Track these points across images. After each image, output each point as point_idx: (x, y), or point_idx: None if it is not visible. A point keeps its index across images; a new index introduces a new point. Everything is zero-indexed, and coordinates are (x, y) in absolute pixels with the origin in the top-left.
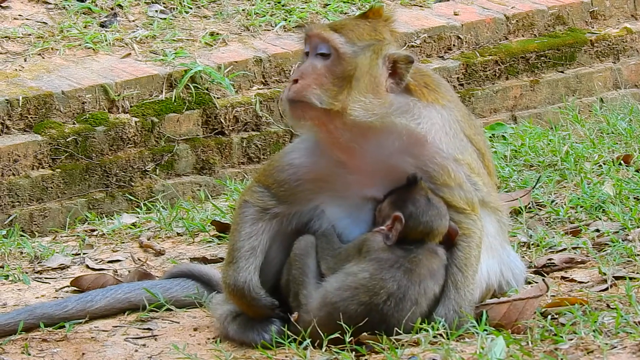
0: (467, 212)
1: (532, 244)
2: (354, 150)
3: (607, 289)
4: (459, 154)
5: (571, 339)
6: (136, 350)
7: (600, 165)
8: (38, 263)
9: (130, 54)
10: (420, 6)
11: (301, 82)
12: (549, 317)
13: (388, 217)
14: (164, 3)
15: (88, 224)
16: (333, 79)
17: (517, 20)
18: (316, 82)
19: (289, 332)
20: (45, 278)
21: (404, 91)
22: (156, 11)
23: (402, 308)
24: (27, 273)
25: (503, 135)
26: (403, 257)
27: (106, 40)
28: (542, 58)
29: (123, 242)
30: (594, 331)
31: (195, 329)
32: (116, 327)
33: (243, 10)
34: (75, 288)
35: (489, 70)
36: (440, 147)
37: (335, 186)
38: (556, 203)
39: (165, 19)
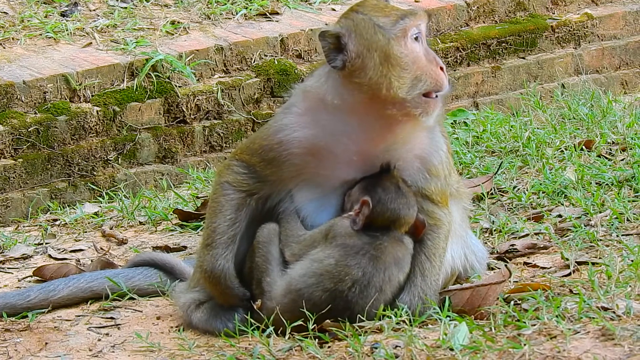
0: (441, 204)
1: (495, 230)
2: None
3: (569, 274)
4: (445, 148)
5: (534, 325)
6: (99, 340)
7: (562, 151)
8: (0, 253)
9: (91, 43)
10: None
11: (444, 69)
12: (512, 302)
13: (356, 202)
14: None
15: (50, 213)
16: None
17: (478, 7)
18: None
19: (252, 320)
20: (8, 268)
21: None
22: (117, 0)
23: (367, 295)
24: None
25: (465, 122)
26: (369, 244)
27: (67, 30)
28: (504, 44)
29: (85, 232)
30: (556, 316)
31: (158, 318)
32: (79, 316)
33: None
34: (38, 278)
35: (451, 56)
36: (440, 141)
37: (321, 164)
38: (518, 189)
39: (126, 8)
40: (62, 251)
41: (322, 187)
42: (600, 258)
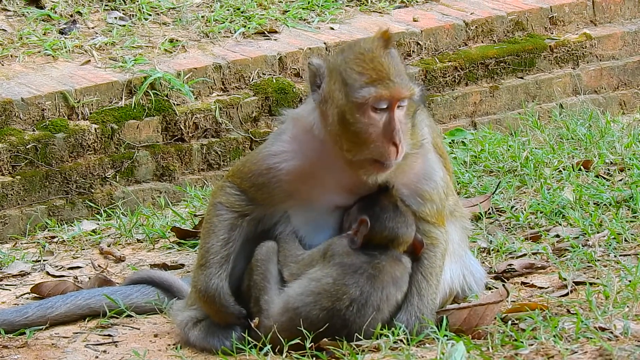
0: (437, 224)
1: (492, 250)
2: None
3: (567, 294)
4: (440, 172)
5: (531, 345)
6: (96, 357)
7: (560, 171)
8: None
9: (89, 60)
10: (380, 12)
11: (400, 145)
12: (509, 322)
13: (355, 221)
14: (123, 10)
15: (48, 230)
16: (410, 123)
17: (476, 26)
18: (406, 135)
19: (249, 338)
20: (6, 285)
21: None
22: (115, 18)
23: (364, 314)
24: None
25: (463, 141)
26: (367, 263)
27: (65, 47)
28: (502, 64)
29: (83, 249)
30: (554, 336)
31: (155, 335)
32: (77, 333)
33: (202, 17)
34: (35, 295)
35: (449, 76)
36: (433, 166)
37: (312, 189)
38: (516, 209)
39: (124, 25)
40: (60, 268)
41: (317, 211)
42: (598, 278)
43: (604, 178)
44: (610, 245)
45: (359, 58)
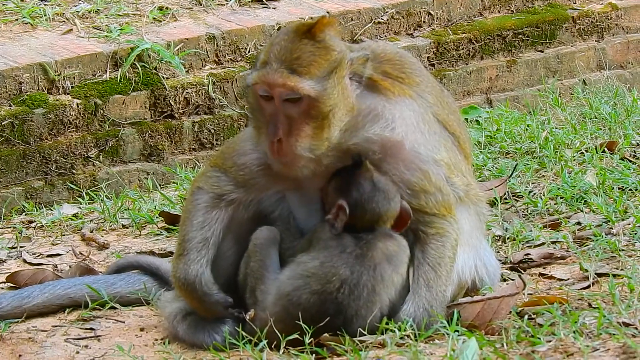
0: (440, 214)
1: (508, 238)
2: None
3: (588, 286)
4: (437, 154)
5: (549, 341)
6: (77, 352)
7: (582, 153)
8: None
9: (71, 29)
10: None
11: (285, 142)
12: (526, 317)
13: (333, 205)
14: None
15: (25, 214)
16: (313, 123)
17: None
18: (300, 135)
19: (243, 333)
20: None
21: (367, 89)
22: None
23: (358, 296)
24: None
25: (477, 120)
26: (354, 244)
27: (45, 15)
28: (520, 36)
29: (63, 235)
30: (574, 332)
31: (141, 329)
32: (56, 326)
33: None
34: (11, 284)
35: (462, 49)
36: (419, 151)
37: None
38: (534, 193)
39: None
40: (38, 256)
41: (307, 195)
42: (622, 269)
43: (630, 161)
44: (635, 233)
45: (270, 40)
